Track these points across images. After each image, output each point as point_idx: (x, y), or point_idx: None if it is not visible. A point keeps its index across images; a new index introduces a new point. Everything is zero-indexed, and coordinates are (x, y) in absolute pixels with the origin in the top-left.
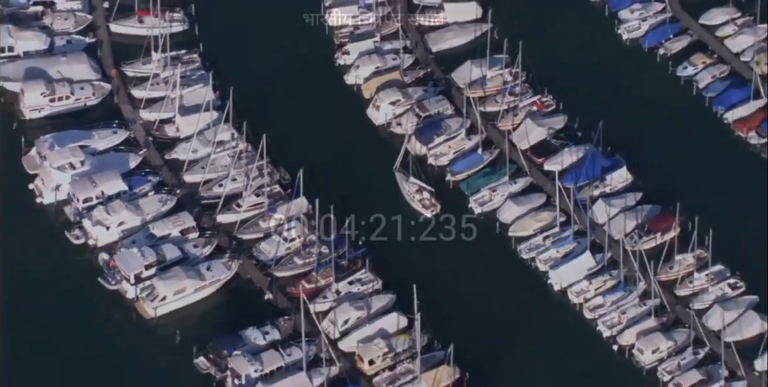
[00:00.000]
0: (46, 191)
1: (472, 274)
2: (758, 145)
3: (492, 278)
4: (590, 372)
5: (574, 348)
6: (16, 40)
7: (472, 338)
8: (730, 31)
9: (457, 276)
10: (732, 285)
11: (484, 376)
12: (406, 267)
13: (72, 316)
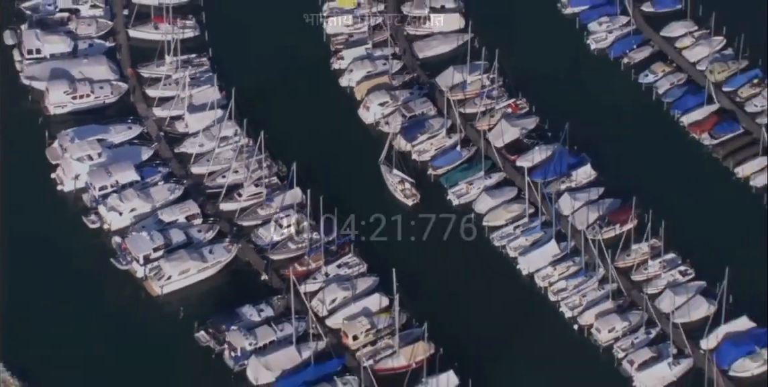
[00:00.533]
0: (66, 180)
1: (448, 260)
2: (710, 145)
3: (466, 263)
4: (552, 348)
5: (539, 326)
6: (44, 44)
7: (447, 317)
8: (688, 43)
9: (435, 261)
10: (682, 272)
11: (456, 351)
12: (389, 254)
13: (87, 293)
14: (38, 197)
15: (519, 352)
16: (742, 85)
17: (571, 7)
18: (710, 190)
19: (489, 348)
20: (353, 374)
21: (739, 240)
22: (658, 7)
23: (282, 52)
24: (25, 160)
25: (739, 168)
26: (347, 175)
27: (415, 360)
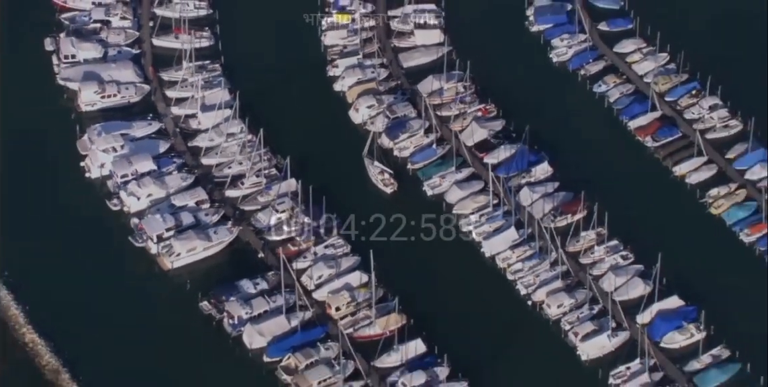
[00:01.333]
0: (93, 168)
1: (421, 243)
2: (652, 147)
3: (436, 245)
4: (508, 320)
5: (498, 301)
6: (78, 50)
7: (417, 292)
8: (637, 58)
9: (409, 244)
10: (623, 256)
11: (424, 322)
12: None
13: (107, 265)
14: (69, 182)
15: (479, 324)
16: (681, 96)
17: (537, 25)
18: (651, 186)
19: (453, 320)
20: (334, 340)
21: (674, 230)
22: (612, 27)
23: (285, 60)
24: (59, 150)
25: (676, 167)
26: (336, 167)
27: (389, 329)
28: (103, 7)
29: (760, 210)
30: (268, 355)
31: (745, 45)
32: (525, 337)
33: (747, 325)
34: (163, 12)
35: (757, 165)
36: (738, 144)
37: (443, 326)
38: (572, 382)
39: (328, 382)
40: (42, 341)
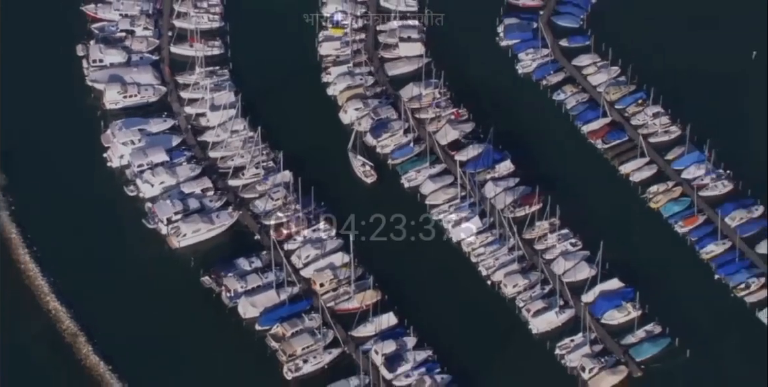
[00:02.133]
0: (114, 158)
1: (397, 229)
2: (602, 149)
3: (410, 231)
4: (470, 298)
5: (462, 281)
6: (105, 55)
7: (392, 271)
8: (592, 71)
9: (387, 230)
10: (572, 243)
11: (397, 297)
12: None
13: (123, 243)
14: (93, 171)
15: (445, 300)
16: (629, 104)
17: (506, 41)
18: (600, 183)
19: (422, 296)
20: (317, 312)
21: (617, 221)
22: (571, 43)
23: (285, 67)
24: (85, 142)
25: (622, 166)
26: (325, 161)
27: (365, 303)
28: (129, 19)
29: (693, 205)
30: (259, 324)
31: (685, 61)
32: (484, 312)
33: (677, 305)
34: (180, 23)
35: (692, 166)
36: (676, 147)
37: (413, 302)
38: (524, 352)
39: (311, 349)
40: (63, 308)
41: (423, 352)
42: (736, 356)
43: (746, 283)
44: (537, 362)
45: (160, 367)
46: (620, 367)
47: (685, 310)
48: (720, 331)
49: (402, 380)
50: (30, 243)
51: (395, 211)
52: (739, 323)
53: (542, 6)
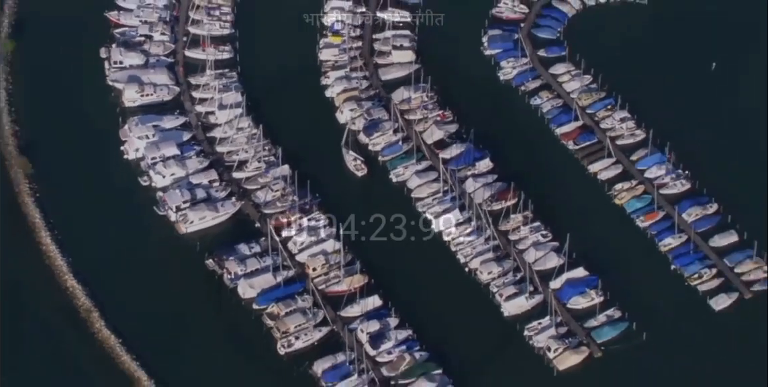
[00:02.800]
0: (130, 151)
1: (385, 219)
2: (573, 149)
3: (396, 221)
4: (448, 282)
5: (441, 267)
6: (124, 57)
7: (379, 257)
8: (566, 79)
9: (377, 221)
10: (543, 235)
11: (382, 281)
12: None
13: (135, 229)
14: (110, 162)
15: (425, 284)
16: (599, 110)
17: (490, 50)
18: (570, 180)
19: (404, 281)
20: (309, 294)
21: (585, 215)
22: (549, 53)
23: (288, 70)
24: (104, 135)
25: (591, 166)
26: (321, 157)
27: (353, 286)
28: (148, 25)
29: (654, 202)
30: (257, 303)
31: (650, 72)
32: (461, 296)
33: (636, 292)
34: (194, 30)
35: (654, 166)
36: (640, 149)
37: (396, 286)
38: (496, 333)
39: (302, 327)
40: (79, 286)
41: (404, 331)
42: (688, 339)
43: (699, 273)
44: (507, 342)
45: (166, 341)
46: (582, 347)
47: (643, 297)
48: (674, 316)
49: (384, 357)
50: (51, 226)
51: (384, 204)
52: (692, 310)
53: (523, 19)
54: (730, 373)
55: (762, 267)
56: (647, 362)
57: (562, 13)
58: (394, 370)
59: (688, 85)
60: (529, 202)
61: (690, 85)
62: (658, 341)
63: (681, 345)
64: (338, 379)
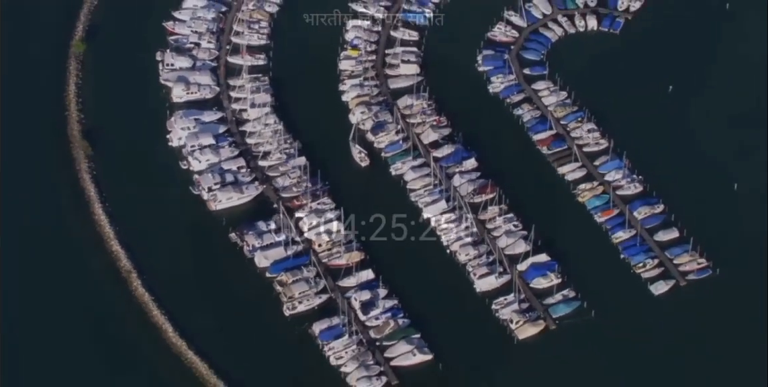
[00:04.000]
0: (174, 139)
1: (383, 207)
2: (546, 154)
3: (392, 208)
4: (431, 261)
5: (427, 249)
6: (175, 61)
7: (375, 238)
8: (546, 94)
9: (376, 208)
10: (515, 225)
11: (376, 258)
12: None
13: (173, 204)
14: (157, 147)
15: (412, 262)
16: (570, 121)
17: (483, 67)
18: (541, 179)
19: (395, 258)
20: (314, 266)
21: (551, 210)
22: (532, 72)
23: (311, 77)
24: (154, 125)
25: (560, 168)
26: (332, 151)
27: (351, 261)
28: (197, 34)
29: (610, 201)
30: (269, 272)
31: (616, 92)
32: (441, 273)
33: (589, 276)
34: (236, 39)
35: (613, 170)
36: (602, 156)
37: (387, 263)
38: (468, 306)
39: (306, 293)
40: (122, 251)
41: (390, 301)
42: (629, 318)
43: (643, 263)
44: (478, 314)
45: (191, 300)
46: (540, 321)
47: (594, 281)
48: (619, 298)
49: (372, 321)
50: (104, 199)
51: (382, 192)
52: (635, 293)
53: (513, 42)
54: (663, 346)
55: (696, 260)
56: (594, 335)
57: (547, 38)
58: (379, 333)
59: (647, 104)
60: (505, 197)
61: (649, 104)
62: (605, 318)
63: (624, 322)
64: (332, 339)
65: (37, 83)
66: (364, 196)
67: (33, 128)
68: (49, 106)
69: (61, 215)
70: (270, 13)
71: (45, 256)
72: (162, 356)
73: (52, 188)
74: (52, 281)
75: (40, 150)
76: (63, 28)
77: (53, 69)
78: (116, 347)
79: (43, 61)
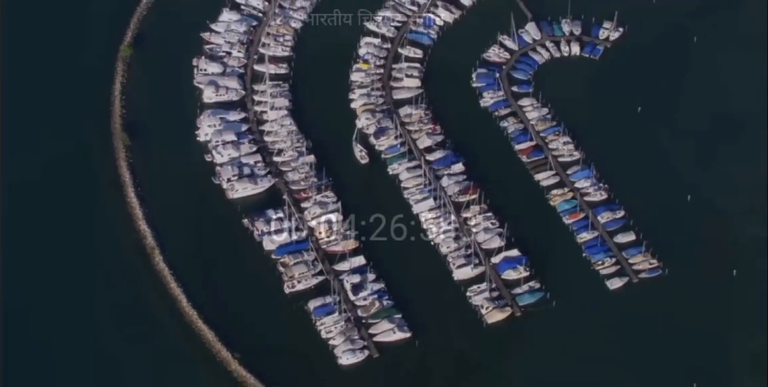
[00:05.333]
0: (201, 135)
1: (380, 200)
2: (526, 162)
3: (387, 205)
4: (416, 251)
5: (414, 240)
6: (208, 66)
7: (369, 227)
8: (529, 109)
9: (373, 202)
10: (492, 223)
11: (368, 247)
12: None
13: (196, 191)
14: (186, 141)
15: (400, 252)
16: (549, 134)
17: (476, 83)
18: (519, 184)
19: (384, 248)
20: (313, 251)
21: (526, 211)
22: (519, 89)
23: (325, 86)
24: (185, 122)
25: (536, 175)
26: (337, 150)
27: (346, 248)
28: (229, 44)
29: (578, 205)
30: (275, 254)
31: (590, 110)
32: (425, 262)
33: (553, 270)
34: (262, 50)
35: (582, 179)
36: (574, 166)
37: (377, 251)
38: (446, 291)
39: (304, 275)
40: (149, 230)
41: (378, 284)
42: (586, 308)
43: (602, 261)
44: (454, 299)
45: (205, 275)
46: (507, 308)
47: (558, 275)
48: (579, 291)
49: (360, 301)
50: (137, 184)
51: (382, 190)
52: (593, 287)
53: (505, 63)
54: (615, 333)
55: (648, 260)
56: (554, 323)
57: (535, 60)
58: (366, 312)
59: (617, 122)
60: (485, 198)
61: (619, 122)
62: (565, 308)
63: (581, 312)
64: (324, 315)
65: (89, 81)
66: (363, 191)
67: (81, 120)
68: (96, 101)
69: (100, 196)
70: (294, 29)
71: (83, 230)
72: (175, 323)
73: (94, 173)
74: (87, 252)
75: (86, 139)
76: (114, 35)
77: (103, 69)
78: (135, 313)
79: (95, 62)
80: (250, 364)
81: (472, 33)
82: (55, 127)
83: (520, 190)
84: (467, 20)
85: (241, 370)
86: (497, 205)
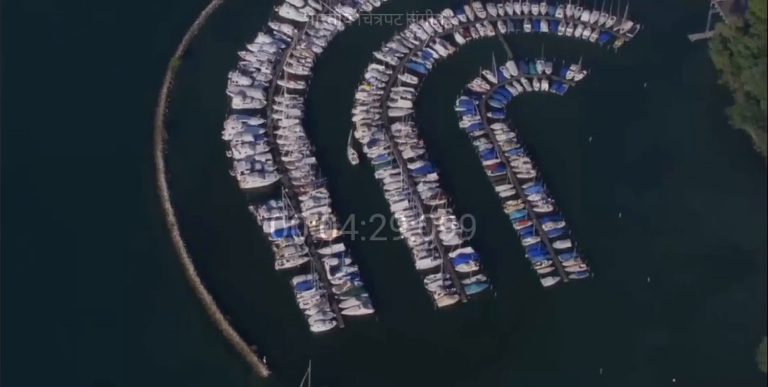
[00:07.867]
0: (226, 134)
1: (367, 199)
2: (491, 176)
3: (380, 205)
4: (389, 243)
5: (389, 236)
6: (239, 79)
7: (354, 223)
8: (500, 132)
9: (365, 202)
10: (454, 224)
11: (348, 236)
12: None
13: (215, 181)
14: (213, 139)
15: (375, 243)
16: (513, 154)
17: (459, 108)
18: (482, 194)
19: (362, 239)
20: (303, 237)
21: (485, 216)
22: (494, 115)
23: (334, 102)
24: (215, 124)
25: (497, 187)
26: (334, 153)
27: (331, 236)
28: (260, 62)
29: (527, 214)
30: (271, 237)
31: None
32: (394, 253)
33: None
34: (286, 69)
35: (534, 193)
36: (529, 182)
37: (356, 241)
38: (408, 278)
39: (293, 255)
40: (172, 209)
41: (352, 268)
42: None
43: (541, 262)
44: (413, 284)
45: (214, 250)
46: (456, 295)
47: (500, 270)
48: (517, 285)
49: (336, 281)
50: (168, 171)
51: (368, 190)
52: (530, 283)
53: (485, 93)
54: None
55: (578, 264)
56: (495, 310)
57: (510, 92)
58: (339, 290)
59: (571, 148)
60: (451, 203)
61: (572, 149)
62: (504, 298)
63: (518, 303)
64: (304, 290)
65: (143, 85)
66: (352, 191)
67: (133, 116)
68: (145, 102)
69: (137, 178)
70: (315, 53)
71: (121, 204)
72: (181, 288)
73: (135, 160)
74: (121, 222)
75: (132, 132)
76: (167, 48)
77: (156, 76)
78: (149, 277)
79: (150, 70)
80: (238, 325)
81: (461, 66)
82: (112, 119)
83: (482, 198)
84: (459, 55)
85: (229, 330)
86: (461, 210)
